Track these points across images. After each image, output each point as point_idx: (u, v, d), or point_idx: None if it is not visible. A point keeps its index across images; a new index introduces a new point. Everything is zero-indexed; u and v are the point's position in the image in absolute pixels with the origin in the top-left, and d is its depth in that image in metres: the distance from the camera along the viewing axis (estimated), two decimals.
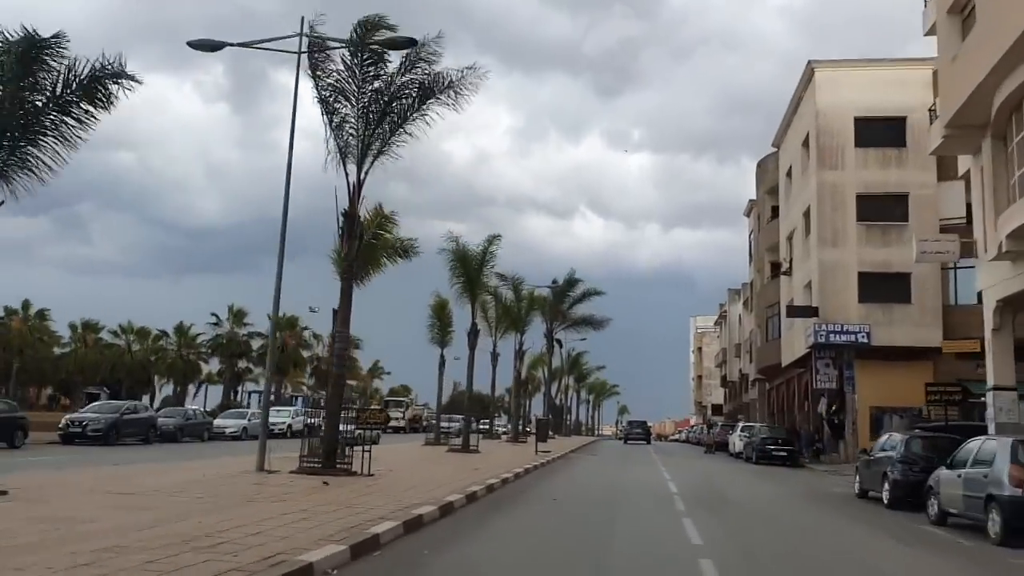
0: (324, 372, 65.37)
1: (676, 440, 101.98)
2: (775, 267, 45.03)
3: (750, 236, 54.40)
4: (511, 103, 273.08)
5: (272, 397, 33.94)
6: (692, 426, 75.99)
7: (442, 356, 35.72)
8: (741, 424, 40.70)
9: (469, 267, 29.11)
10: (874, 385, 32.44)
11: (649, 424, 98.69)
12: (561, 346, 55.19)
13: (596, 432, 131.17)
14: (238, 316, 61.07)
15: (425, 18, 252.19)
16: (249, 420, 39.36)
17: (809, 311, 33.89)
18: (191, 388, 68.86)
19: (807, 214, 35.78)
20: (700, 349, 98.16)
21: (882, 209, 33.47)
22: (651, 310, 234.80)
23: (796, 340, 37.70)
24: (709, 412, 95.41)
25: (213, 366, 68.05)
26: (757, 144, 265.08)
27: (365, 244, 18.15)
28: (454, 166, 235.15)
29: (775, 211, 45.06)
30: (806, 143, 36.50)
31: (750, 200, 53.58)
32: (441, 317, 35.19)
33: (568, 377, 72.49)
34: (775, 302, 43.48)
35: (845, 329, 32.57)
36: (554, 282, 50.39)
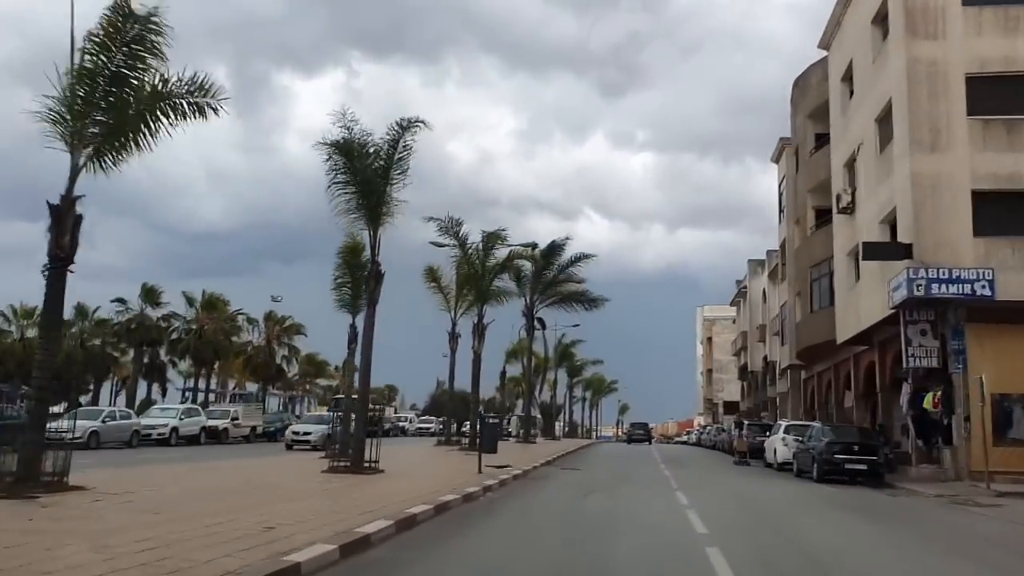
0: (261, 364, 54.37)
1: (683, 442, 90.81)
2: (821, 214, 33.85)
3: (780, 185, 43.22)
4: (515, 104, 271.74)
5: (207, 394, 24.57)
6: (704, 426, 64.78)
7: (352, 327, 24.39)
8: (785, 423, 29.33)
9: (362, 168, 17.54)
10: (997, 361, 21.22)
11: (652, 425, 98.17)
12: (543, 327, 44.03)
13: (596, 434, 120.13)
14: (150, 295, 49.78)
15: (429, 18, 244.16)
16: (180, 419, 32.84)
17: (897, 251, 22.63)
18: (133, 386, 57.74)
19: (884, 117, 24.61)
20: (710, 339, 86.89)
21: (1007, 96, 22.32)
22: (655, 312, 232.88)
23: (863, 303, 26.52)
24: (721, 410, 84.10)
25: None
26: (762, 145, 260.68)
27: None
28: (458, 167, 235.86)
29: (820, 139, 33.89)
30: (881, 17, 25.32)
31: (780, 139, 42.41)
32: (352, 266, 23.89)
33: (558, 370, 61.25)
34: (824, 258, 32.28)
35: (956, 276, 21.34)
36: (533, 247, 39.31)
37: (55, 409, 21.27)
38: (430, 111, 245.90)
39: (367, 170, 18.00)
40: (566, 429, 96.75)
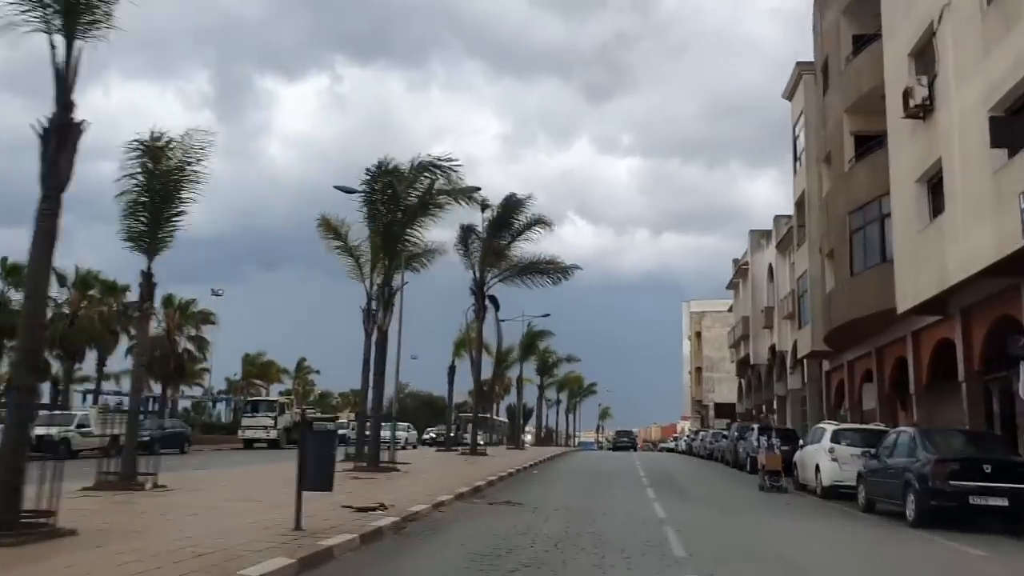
0: (158, 359, 44.59)
1: (670, 449, 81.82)
2: (862, 141, 24.84)
3: (795, 127, 34.25)
4: (500, 108, 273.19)
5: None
6: (696, 432, 55.48)
7: (146, 274, 14.91)
8: (832, 428, 20.00)
9: None
10: None
11: (635, 431, 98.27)
12: (496, 307, 34.79)
13: (575, 440, 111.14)
14: (12, 273, 39.98)
15: (414, 22, 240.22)
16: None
17: None
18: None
19: None
20: (699, 335, 77.91)
21: None
22: (637, 317, 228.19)
23: (954, 247, 17.48)
24: (711, 413, 75.09)
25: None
26: (746, 149, 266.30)
27: None
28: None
29: (860, 42, 24.89)
30: None
31: (797, 65, 33.39)
32: (153, 175, 14.44)
33: (523, 364, 51.91)
34: (872, 197, 23.27)
35: None
36: (475, 191, 29.93)
37: None
38: (414, 116, 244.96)
39: None
40: (540, 435, 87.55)
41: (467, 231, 32.64)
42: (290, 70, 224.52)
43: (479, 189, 28.14)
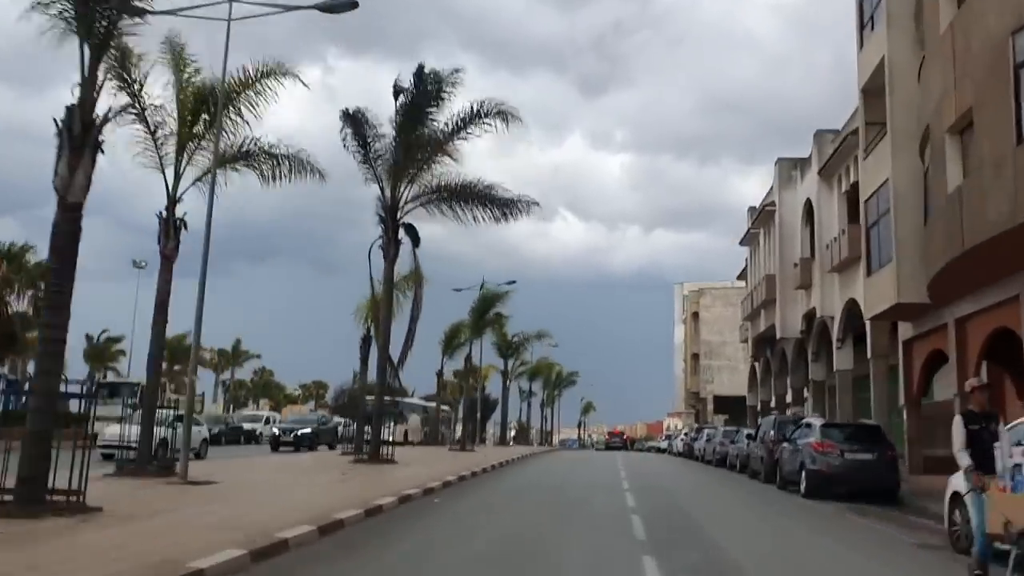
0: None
1: (659, 450, 70.90)
2: None
3: None
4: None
5: None
6: (696, 430, 43.59)
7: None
8: None
9: None
10: None
11: (620, 427, 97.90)
12: (416, 242, 23.30)
13: (554, 438, 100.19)
14: None
15: (407, 14, 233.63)
16: None
17: None
18: None
19: None
20: (696, 316, 66.77)
21: None
22: (627, 313, 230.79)
23: None
24: (710, 407, 64.08)
25: None
26: (740, 146, 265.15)
27: None
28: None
29: None
30: None
31: None
32: None
33: (478, 341, 40.33)
34: None
35: None
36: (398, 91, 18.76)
37: None
38: None
39: None
40: (511, 433, 76.37)
41: (357, 120, 21.27)
42: (281, 62, 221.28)
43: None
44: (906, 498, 17.60)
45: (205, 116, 16.16)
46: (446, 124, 22.43)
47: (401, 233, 22.65)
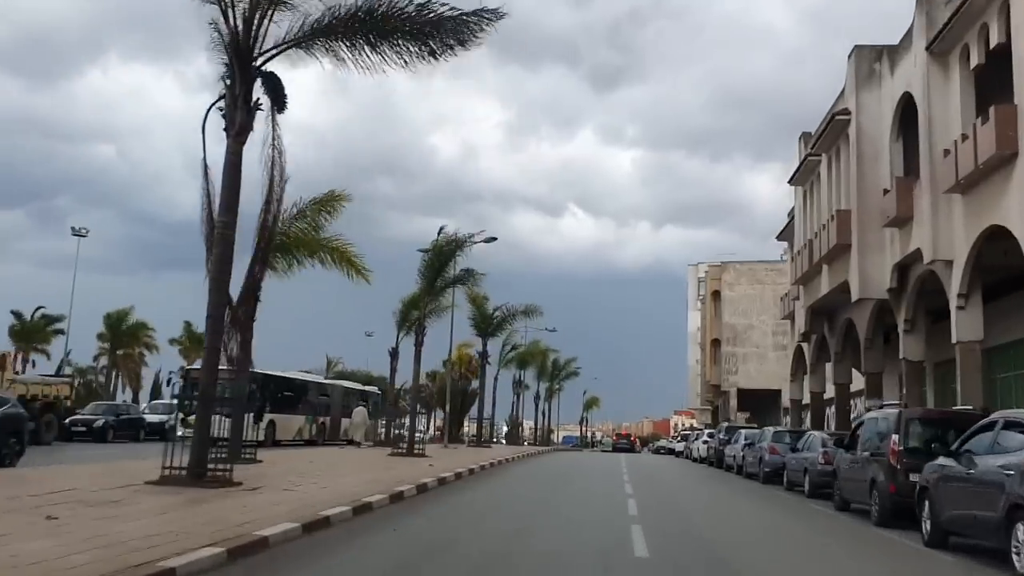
0: None
1: (671, 451, 61.60)
2: None
3: None
4: (503, 96, 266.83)
5: None
6: (728, 430, 32.99)
7: None
8: None
9: None
10: None
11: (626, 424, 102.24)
12: (280, 105, 13.82)
13: (556, 436, 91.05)
14: None
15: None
16: None
17: None
18: None
19: None
20: (716, 295, 57.04)
21: None
22: (635, 310, 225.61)
23: None
24: (732, 402, 54.51)
25: None
26: (754, 141, 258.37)
27: None
28: (441, 160, 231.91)
29: None
30: None
31: None
32: None
33: (443, 307, 30.45)
34: None
35: None
36: None
37: None
38: (416, 102, 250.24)
39: None
40: (501, 430, 67.05)
41: None
42: (290, 53, 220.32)
43: None
44: None
45: None
46: None
47: (258, 91, 13.19)
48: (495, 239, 34.84)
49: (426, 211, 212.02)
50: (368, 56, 13.56)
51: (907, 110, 20.95)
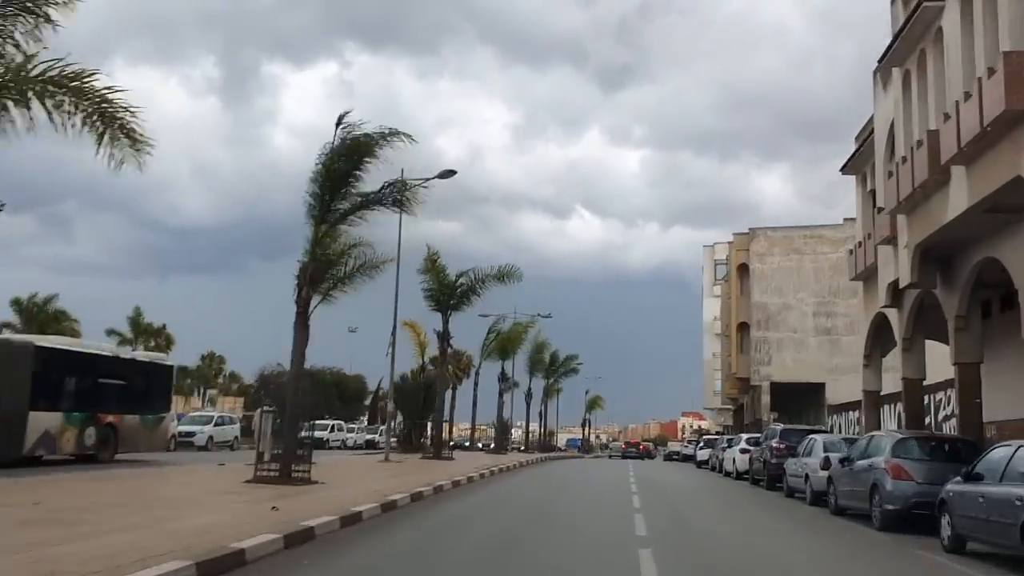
0: None
1: (686, 457, 52.05)
2: None
3: None
4: (510, 97, 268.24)
5: None
6: (786, 434, 23.48)
7: None
8: None
9: None
10: None
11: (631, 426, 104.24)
12: None
13: (555, 439, 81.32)
14: None
15: (427, 6, 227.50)
16: None
17: None
18: None
19: None
20: (744, 269, 47.04)
21: None
22: (644, 312, 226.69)
23: None
24: (762, 399, 44.58)
25: None
26: (762, 142, 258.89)
27: None
28: (447, 163, 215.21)
29: None
30: None
31: None
32: None
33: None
34: None
35: None
36: None
37: None
38: (422, 104, 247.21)
39: None
40: (485, 437, 57.60)
41: None
42: (299, 56, 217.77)
43: None
44: None
45: None
46: None
47: None
48: (454, 172, 25.20)
49: (431, 214, 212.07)
50: None
51: None
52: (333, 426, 49.37)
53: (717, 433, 67.20)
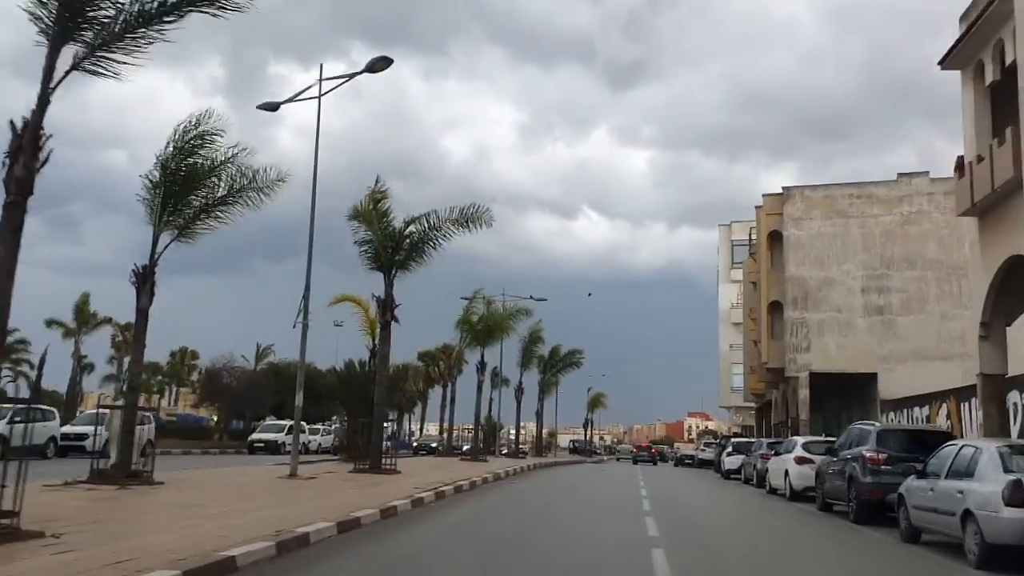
0: None
1: (702, 462, 44.57)
2: None
3: None
4: (518, 97, 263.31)
5: None
6: (904, 428, 16.27)
7: None
8: None
9: None
10: None
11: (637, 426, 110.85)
12: None
13: (554, 442, 73.89)
14: None
15: (435, 5, 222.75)
16: None
17: None
18: None
19: None
20: (776, 237, 39.07)
21: None
22: (651, 312, 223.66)
23: None
24: (799, 393, 36.68)
25: None
26: (771, 141, 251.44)
27: None
28: (454, 163, 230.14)
29: None
30: None
31: None
32: None
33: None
34: None
35: None
36: None
37: None
38: (429, 104, 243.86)
39: None
40: (465, 439, 50.01)
41: None
42: (306, 56, 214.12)
43: None
44: None
45: None
46: None
47: None
48: (390, 61, 17.48)
49: None
50: None
51: None
52: (289, 427, 42.03)
53: (734, 434, 59.49)
